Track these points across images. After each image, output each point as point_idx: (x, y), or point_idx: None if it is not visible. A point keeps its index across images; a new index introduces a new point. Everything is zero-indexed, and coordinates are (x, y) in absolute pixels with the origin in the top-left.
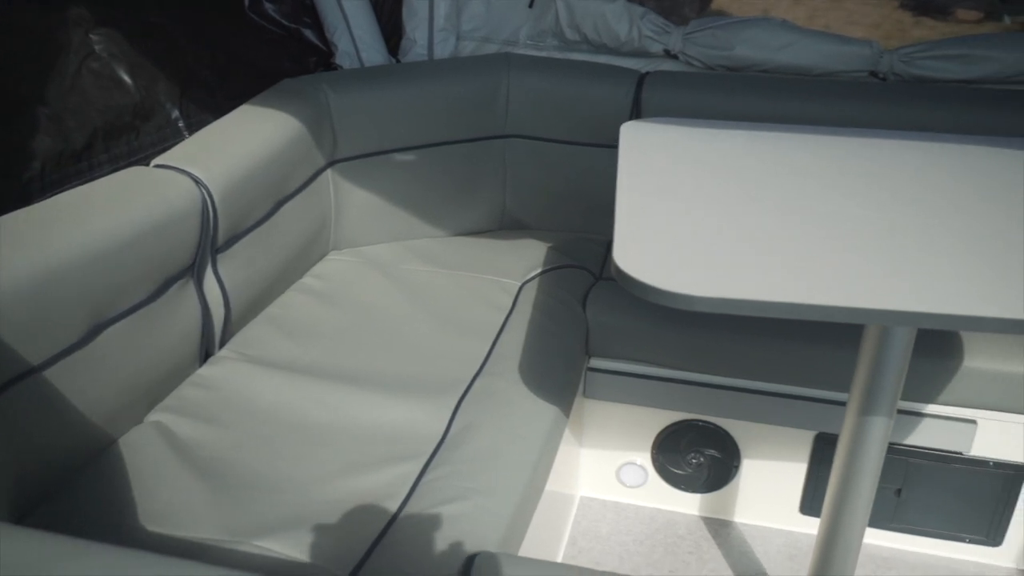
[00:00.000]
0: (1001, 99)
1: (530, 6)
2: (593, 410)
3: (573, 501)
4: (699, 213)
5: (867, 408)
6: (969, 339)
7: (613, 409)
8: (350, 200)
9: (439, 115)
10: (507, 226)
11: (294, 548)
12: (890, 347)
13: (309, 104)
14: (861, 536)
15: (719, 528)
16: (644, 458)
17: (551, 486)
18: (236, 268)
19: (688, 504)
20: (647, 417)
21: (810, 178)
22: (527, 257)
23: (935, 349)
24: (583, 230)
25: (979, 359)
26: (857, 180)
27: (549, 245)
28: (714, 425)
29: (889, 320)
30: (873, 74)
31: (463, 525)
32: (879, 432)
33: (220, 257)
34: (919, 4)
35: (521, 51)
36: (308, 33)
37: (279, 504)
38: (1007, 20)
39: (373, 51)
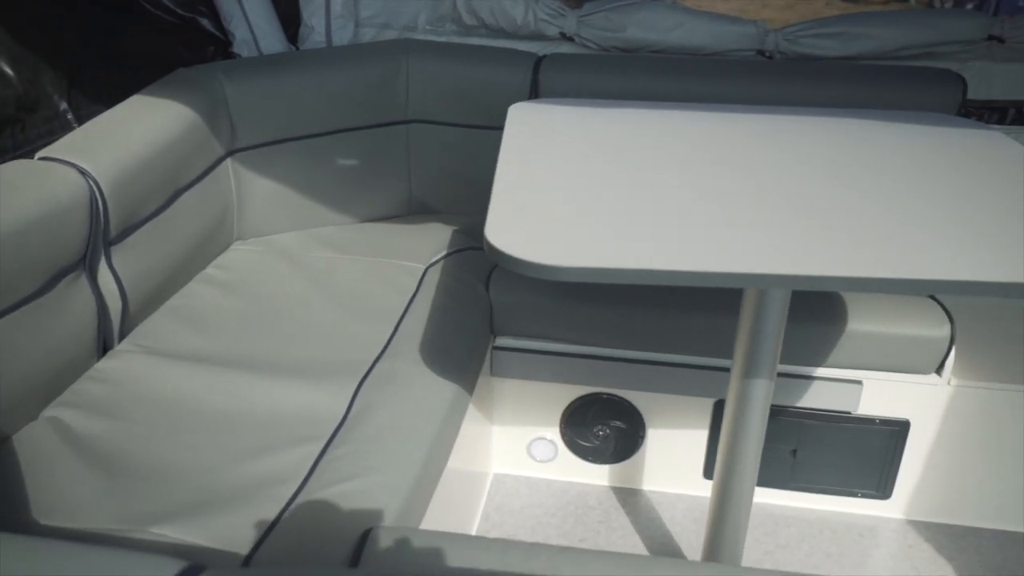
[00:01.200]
0: (878, 74)
1: None
2: (502, 388)
3: (486, 478)
4: (576, 189)
5: (749, 371)
6: (853, 305)
7: (521, 386)
8: (252, 189)
9: (339, 102)
10: (414, 211)
11: (190, 533)
12: (767, 310)
13: (204, 93)
14: (751, 494)
15: (627, 496)
16: (553, 433)
17: (462, 464)
18: (132, 260)
19: (597, 475)
20: (554, 393)
21: (691, 153)
22: (432, 241)
23: (821, 315)
24: (486, 213)
25: (863, 323)
26: (738, 154)
27: (455, 228)
28: (619, 397)
29: (763, 283)
30: (760, 52)
31: (361, 501)
32: (762, 393)
33: (114, 249)
34: None
35: (420, 37)
36: (205, 22)
37: (177, 491)
38: (912, 1)
39: (271, 39)
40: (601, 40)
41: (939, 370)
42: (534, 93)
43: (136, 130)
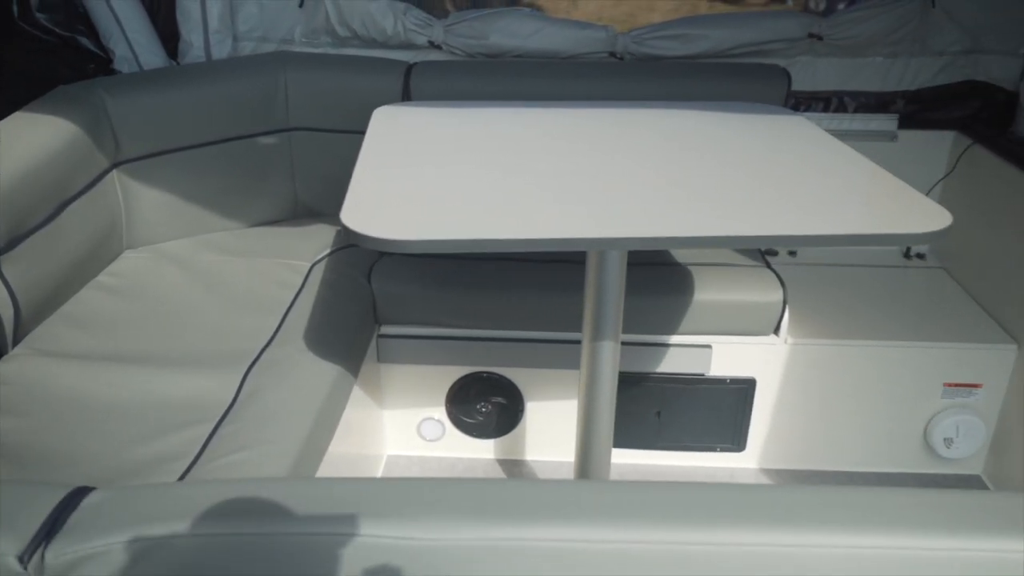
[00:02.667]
0: (714, 70)
1: (300, 6)
2: (389, 374)
3: (380, 460)
4: (429, 175)
5: (597, 333)
6: (698, 277)
7: (408, 370)
8: (140, 199)
9: (221, 113)
10: (300, 215)
11: None
12: (606, 273)
13: (85, 108)
14: (608, 453)
15: (512, 467)
16: (440, 413)
17: (355, 448)
18: (23, 269)
19: (483, 450)
20: (439, 374)
21: (541, 142)
22: (317, 240)
23: (671, 289)
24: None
25: (707, 294)
26: (584, 141)
27: (339, 228)
28: (498, 375)
29: (599, 246)
30: (612, 54)
31: (251, 472)
32: (610, 355)
33: (4, 259)
34: None
35: (297, 49)
36: (84, 41)
37: (70, 476)
38: (789, 3)
39: (151, 54)
40: (467, 47)
41: (776, 331)
42: (406, 98)
43: (17, 145)
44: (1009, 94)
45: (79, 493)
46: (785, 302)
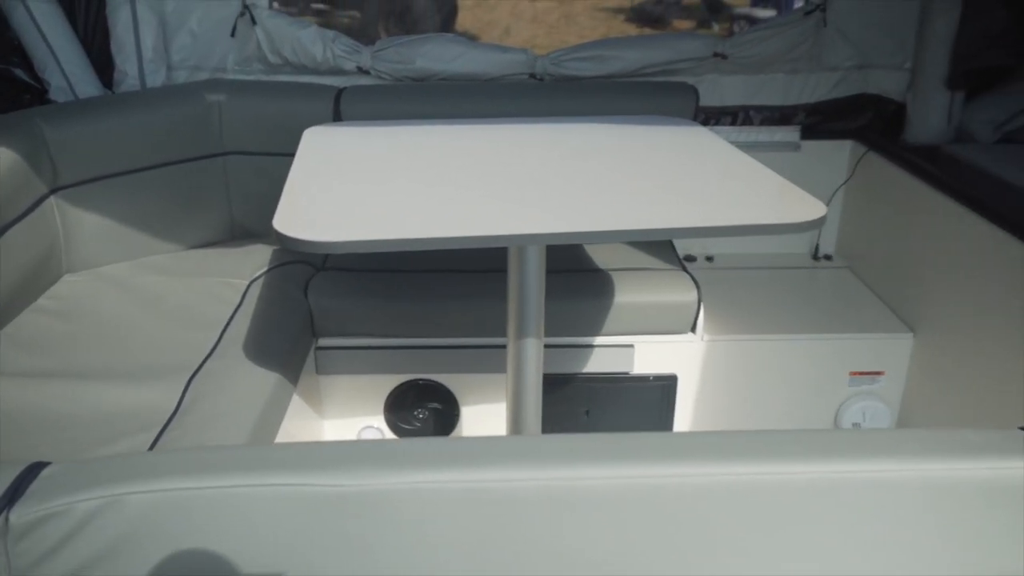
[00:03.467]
0: (627, 88)
1: (232, 35)
2: (328, 385)
3: None
4: (356, 185)
5: (520, 330)
6: (619, 281)
7: (346, 381)
8: (78, 224)
9: (157, 139)
10: (236, 236)
11: None
12: (527, 267)
13: (22, 137)
14: None
15: None
16: (379, 421)
17: None
18: None
19: None
20: (376, 383)
21: (464, 154)
22: (254, 259)
23: (593, 293)
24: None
25: (627, 296)
26: (504, 152)
27: (276, 247)
28: (434, 382)
29: (517, 241)
30: (532, 76)
31: None
32: (533, 352)
33: None
34: (641, 17)
35: (230, 77)
36: (19, 72)
37: None
38: (715, 28)
39: (86, 84)
40: (394, 72)
41: (693, 329)
42: (336, 120)
43: None
44: (898, 105)
45: (37, 466)
46: (700, 301)
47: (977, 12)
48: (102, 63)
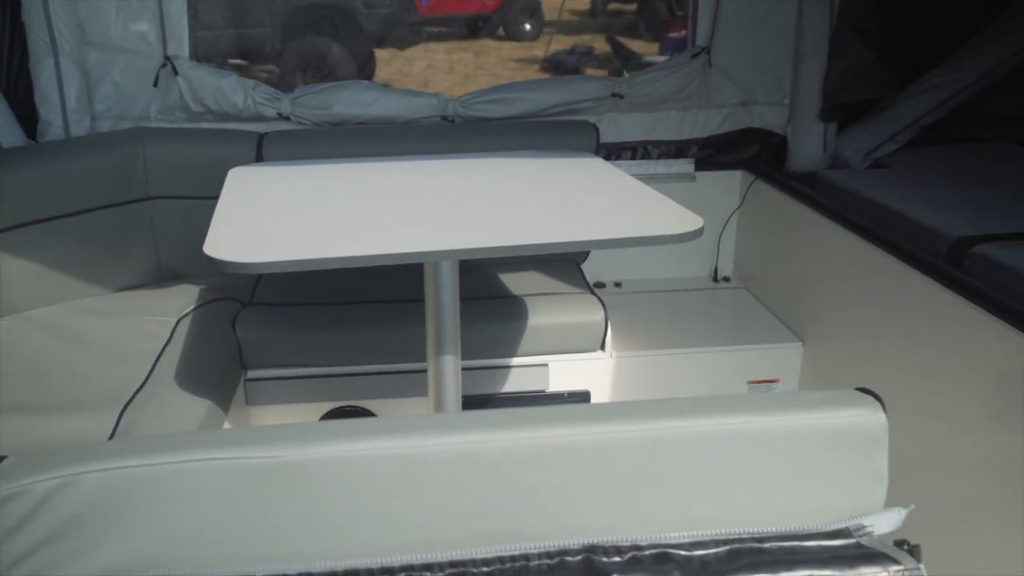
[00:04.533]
0: (533, 127)
1: (155, 85)
2: (259, 415)
3: None
4: (282, 215)
5: (439, 346)
6: (532, 306)
7: (276, 410)
8: (6, 269)
9: (83, 186)
10: (163, 278)
11: None
12: (441, 283)
13: None
14: None
15: None
16: None
17: None
18: None
19: None
20: (305, 412)
21: (381, 185)
22: (182, 298)
23: (509, 317)
24: (230, 273)
25: (540, 318)
26: (418, 183)
27: (202, 287)
28: (361, 408)
29: (431, 258)
30: (444, 118)
31: None
32: (451, 368)
33: None
34: (555, 67)
35: (154, 125)
36: None
37: None
38: (626, 74)
39: (9, 135)
40: (313, 117)
41: (603, 347)
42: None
43: None
44: (781, 137)
45: None
46: (607, 321)
47: (841, 51)
48: (25, 114)
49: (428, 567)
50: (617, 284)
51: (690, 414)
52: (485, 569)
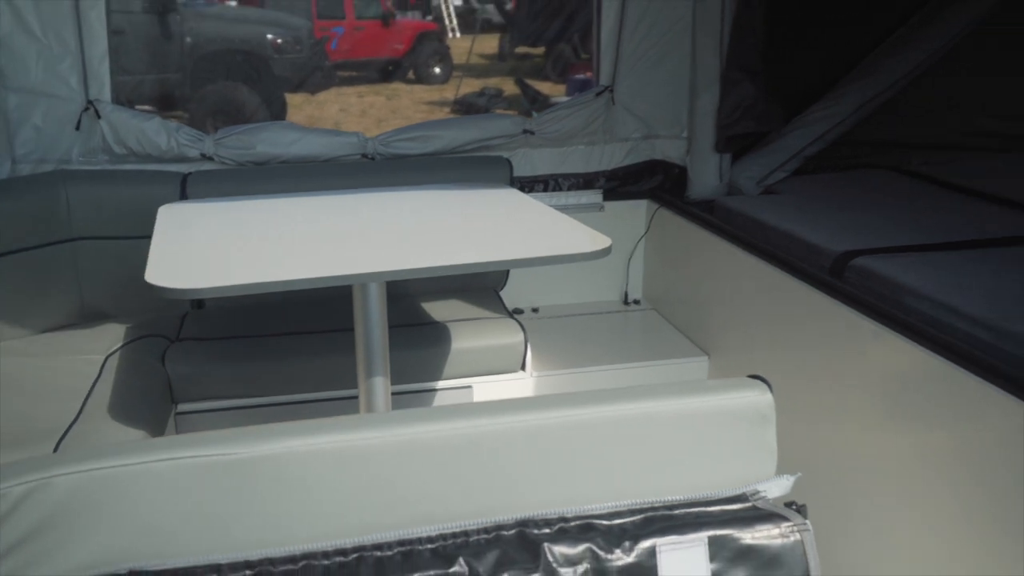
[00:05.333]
0: (451, 162)
1: (77, 128)
2: None
3: None
4: (216, 246)
5: (369, 368)
6: (456, 330)
7: None
8: None
9: (3, 229)
10: (88, 318)
11: None
12: (369, 304)
13: None
14: None
15: None
16: None
17: None
18: None
19: None
20: None
21: (309, 216)
22: (109, 337)
23: (434, 342)
24: (156, 310)
25: (463, 342)
26: (344, 214)
27: (128, 325)
28: None
29: (359, 280)
30: (364, 156)
31: None
32: (381, 389)
33: None
34: (466, 108)
35: (76, 167)
36: None
37: None
38: (535, 116)
39: None
40: (237, 157)
41: (523, 367)
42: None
43: None
44: (681, 168)
45: None
46: (526, 343)
47: (731, 89)
48: None
49: (378, 547)
50: (535, 310)
51: (607, 401)
52: (429, 546)
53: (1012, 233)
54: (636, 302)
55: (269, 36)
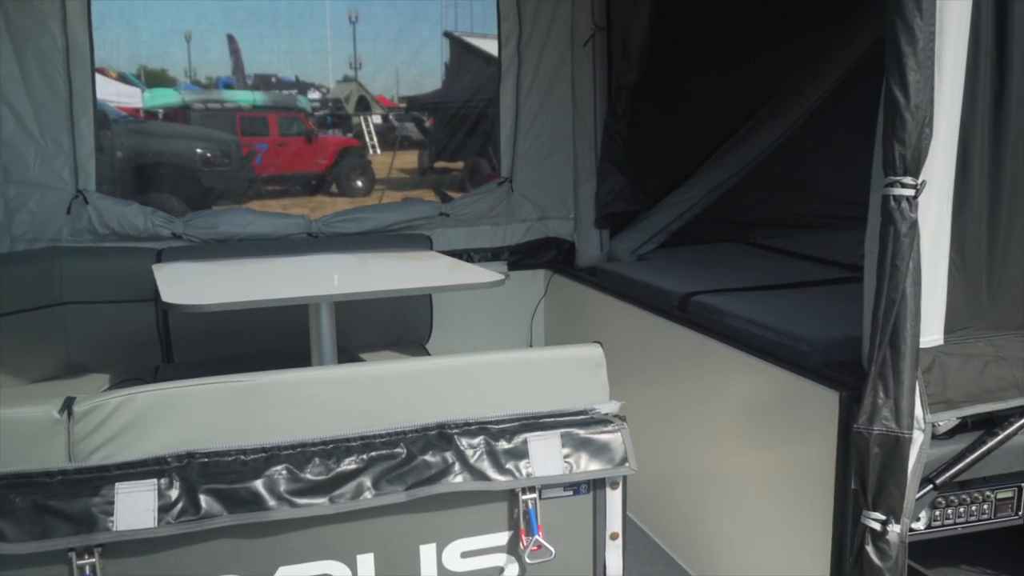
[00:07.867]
0: (381, 238)
1: (68, 212)
2: None
3: None
4: (207, 280)
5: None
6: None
7: None
8: None
9: (3, 294)
10: (72, 372)
11: None
12: (320, 319)
13: None
14: None
15: None
16: None
17: None
18: None
19: None
20: None
21: (276, 268)
22: (94, 383)
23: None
24: (137, 362)
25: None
26: (302, 268)
27: (110, 374)
28: None
29: (313, 300)
30: (310, 234)
31: None
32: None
33: None
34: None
35: (65, 244)
36: None
37: None
38: (450, 201)
39: None
40: (202, 235)
41: None
42: None
43: None
44: (570, 242)
45: (72, 398)
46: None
47: (604, 179)
48: None
49: (347, 439)
50: None
51: (498, 353)
52: (381, 440)
53: (809, 279)
54: None
55: (198, 150)
